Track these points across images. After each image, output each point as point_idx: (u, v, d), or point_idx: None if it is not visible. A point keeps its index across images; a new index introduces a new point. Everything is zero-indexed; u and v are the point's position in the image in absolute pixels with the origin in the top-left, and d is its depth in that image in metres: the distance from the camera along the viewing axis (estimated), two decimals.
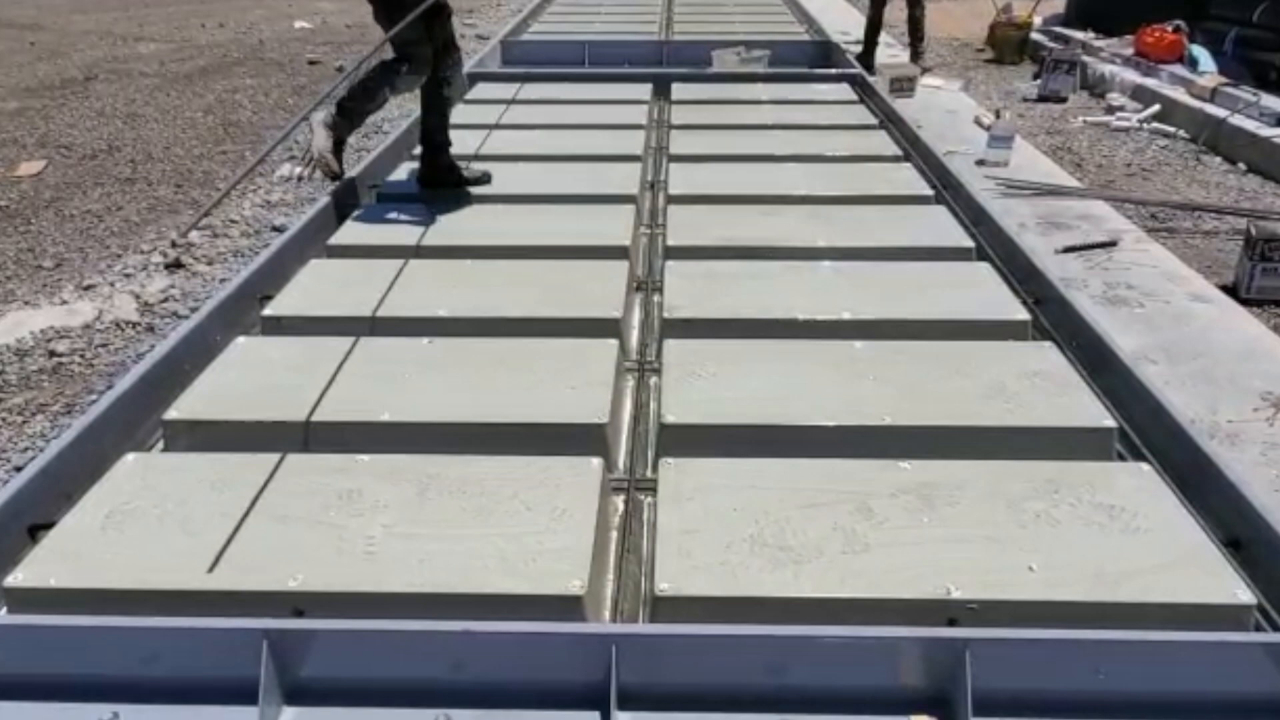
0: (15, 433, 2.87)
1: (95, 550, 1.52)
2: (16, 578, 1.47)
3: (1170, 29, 7.40)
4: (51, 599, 1.45)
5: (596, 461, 1.73)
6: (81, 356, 3.35)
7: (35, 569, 1.49)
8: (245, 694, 1.28)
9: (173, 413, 1.91)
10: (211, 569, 1.48)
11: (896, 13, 7.91)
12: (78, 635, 1.34)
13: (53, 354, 3.37)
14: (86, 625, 1.34)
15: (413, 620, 1.34)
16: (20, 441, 2.81)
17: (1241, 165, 5.76)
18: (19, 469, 2.31)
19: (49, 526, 1.60)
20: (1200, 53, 7.13)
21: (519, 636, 1.32)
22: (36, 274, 4.16)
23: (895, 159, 3.62)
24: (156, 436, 1.95)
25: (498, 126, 4.07)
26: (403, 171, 3.49)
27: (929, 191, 3.24)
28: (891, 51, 8.56)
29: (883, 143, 3.84)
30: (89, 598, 1.44)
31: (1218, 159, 5.88)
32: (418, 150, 3.69)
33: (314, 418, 1.89)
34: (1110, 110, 7.00)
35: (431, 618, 1.35)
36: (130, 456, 1.79)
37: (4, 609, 1.49)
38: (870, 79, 5.06)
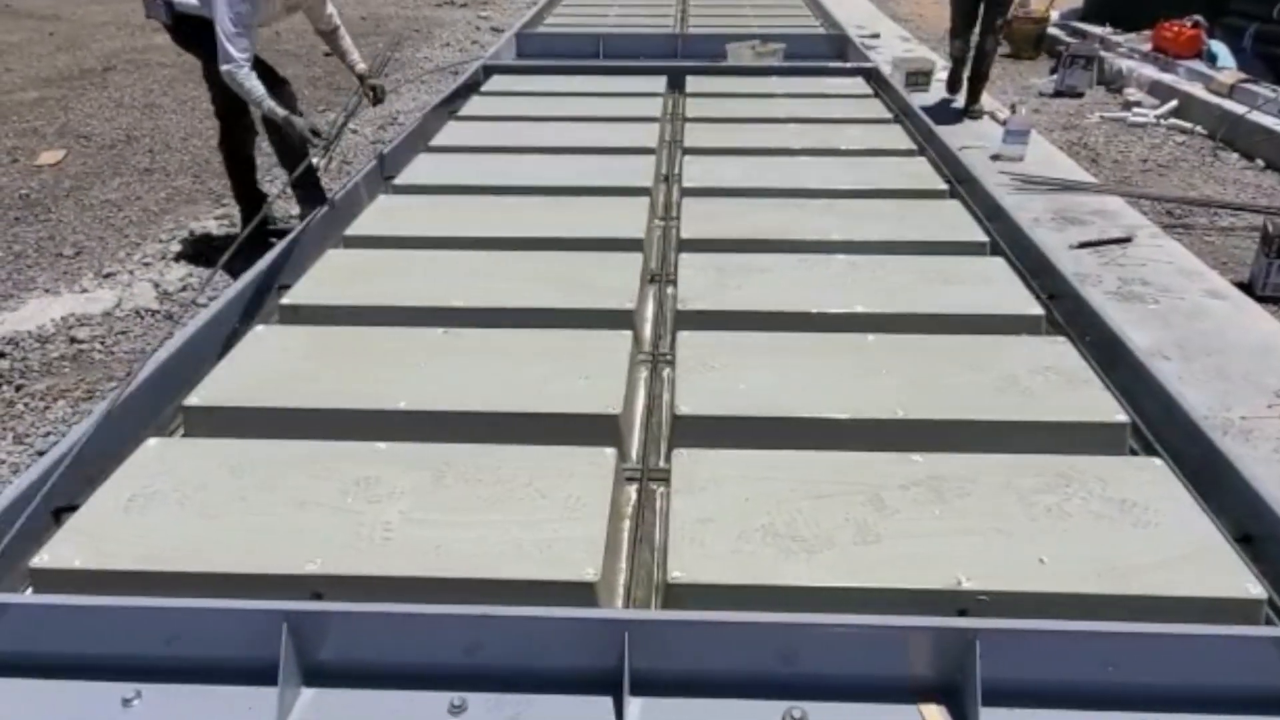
0: (37, 418, 2.92)
1: (118, 532, 1.55)
2: (41, 558, 1.50)
3: (1189, 24, 7.34)
4: (75, 579, 1.47)
5: (610, 451, 1.74)
6: (102, 343, 3.40)
7: (59, 550, 1.52)
8: (265, 675, 1.31)
9: (193, 399, 1.94)
10: (231, 552, 1.50)
11: (911, 6, 7.86)
12: (101, 615, 1.36)
13: (74, 341, 3.42)
14: (110, 605, 1.37)
15: (429, 604, 1.36)
16: (42, 426, 2.86)
17: (1259, 162, 5.72)
18: (41, 453, 2.35)
19: (72, 509, 1.63)
20: (1219, 48, 7.09)
21: (534, 621, 1.33)
22: (57, 262, 4.22)
23: (909, 153, 3.61)
24: (177, 422, 1.98)
25: (512, 118, 4.08)
26: (418, 164, 3.51)
27: (943, 186, 3.23)
28: (907, 46, 8.53)
29: (897, 137, 3.83)
30: (112, 579, 1.46)
31: (1235, 155, 5.85)
32: (432, 146, 3.72)
33: (331, 405, 1.91)
34: (1127, 106, 6.96)
35: (447, 602, 1.37)
36: (151, 441, 1.81)
37: (29, 589, 1.52)
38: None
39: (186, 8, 3.47)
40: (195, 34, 3.54)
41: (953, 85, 7.27)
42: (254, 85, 3.39)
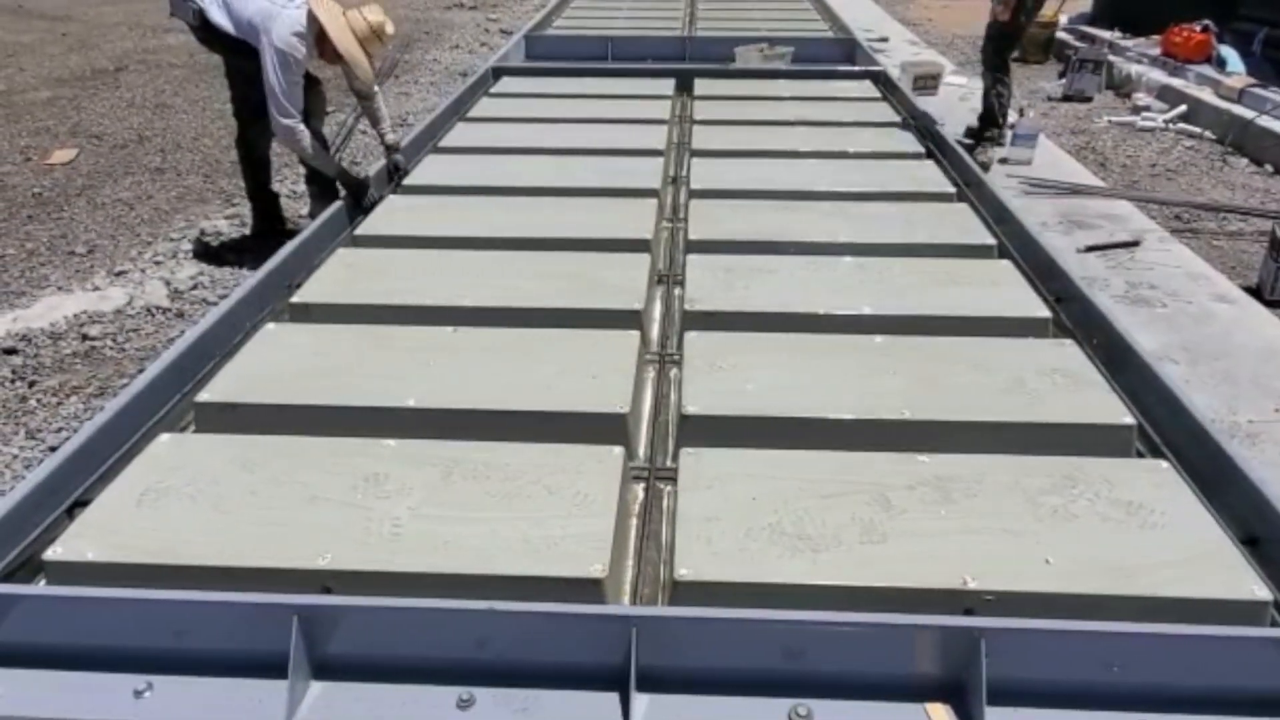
0: (50, 414, 2.94)
1: (130, 526, 1.57)
2: (55, 551, 1.52)
3: (1198, 29, 7.33)
4: (89, 572, 1.49)
5: (618, 450, 1.75)
6: (114, 341, 3.43)
7: (73, 543, 1.54)
8: (275, 668, 1.32)
9: (205, 395, 1.96)
10: (242, 546, 1.52)
11: (920, 10, 7.80)
12: (114, 607, 1.38)
13: (86, 338, 3.44)
14: (122, 598, 1.38)
15: (437, 599, 1.37)
16: (55, 422, 2.88)
17: (1268, 166, 5.71)
18: (54, 449, 2.37)
19: (86, 504, 1.65)
20: (1228, 53, 7.07)
21: (541, 617, 1.34)
22: (69, 260, 4.24)
23: (917, 156, 3.62)
24: (189, 418, 2.00)
25: (521, 120, 4.10)
26: (428, 165, 3.53)
27: (951, 189, 3.24)
28: (915, 50, 8.53)
29: (905, 140, 3.84)
30: (124, 572, 1.48)
31: (1244, 160, 5.83)
32: (441, 147, 3.73)
33: (341, 402, 1.92)
34: (1136, 110, 6.96)
35: (455, 598, 1.38)
36: (164, 437, 1.83)
37: (43, 581, 1.53)
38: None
39: (219, 26, 3.50)
40: (221, 37, 3.57)
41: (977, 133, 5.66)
42: (310, 143, 3.43)
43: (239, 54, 3.58)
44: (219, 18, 3.53)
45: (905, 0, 11.31)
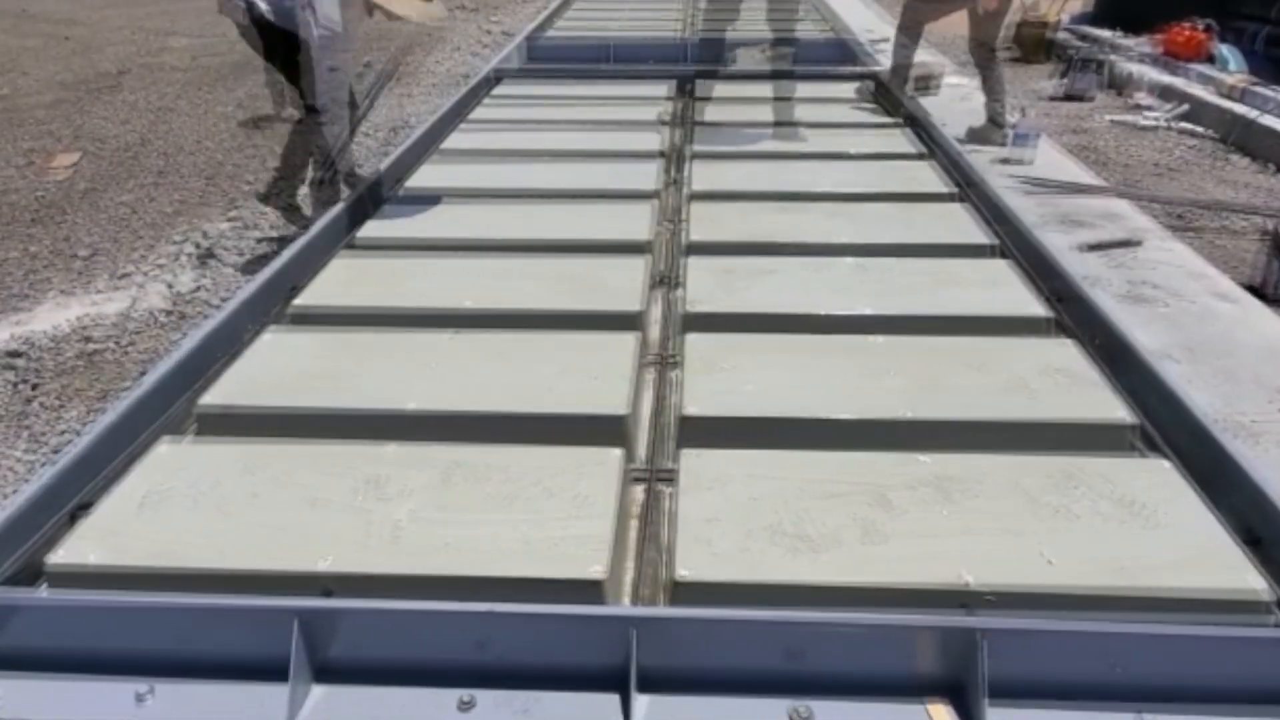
0: (52, 418, 2.94)
1: (132, 531, 1.57)
2: (58, 556, 1.52)
3: (1199, 27, 7.32)
4: (90, 577, 1.50)
5: (618, 451, 1.75)
6: (116, 345, 3.43)
7: (75, 548, 1.54)
8: (276, 672, 1.32)
9: (206, 400, 1.96)
10: (243, 550, 1.52)
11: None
12: (115, 612, 1.39)
13: (88, 342, 3.45)
14: (124, 603, 1.39)
15: (438, 601, 1.37)
16: (58, 426, 2.89)
17: (1270, 165, 5.70)
18: (56, 453, 2.37)
19: (87, 509, 1.66)
20: (1229, 51, 7.06)
21: (542, 618, 1.35)
22: (72, 264, 4.25)
23: (917, 156, 3.62)
24: (190, 423, 2.00)
25: (522, 123, 4.11)
26: (426, 170, 3.54)
27: (950, 189, 3.24)
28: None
29: (905, 140, 3.84)
30: (126, 576, 1.49)
31: (1245, 159, 5.82)
32: (442, 150, 3.73)
33: (342, 406, 1.93)
34: (1136, 109, 6.95)
35: (456, 600, 1.38)
36: (165, 441, 1.84)
37: (45, 586, 1.54)
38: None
39: (265, 17, 3.46)
40: (265, 29, 3.51)
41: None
42: (340, 130, 3.43)
43: (287, 46, 3.52)
44: (264, 8, 3.49)
45: None
